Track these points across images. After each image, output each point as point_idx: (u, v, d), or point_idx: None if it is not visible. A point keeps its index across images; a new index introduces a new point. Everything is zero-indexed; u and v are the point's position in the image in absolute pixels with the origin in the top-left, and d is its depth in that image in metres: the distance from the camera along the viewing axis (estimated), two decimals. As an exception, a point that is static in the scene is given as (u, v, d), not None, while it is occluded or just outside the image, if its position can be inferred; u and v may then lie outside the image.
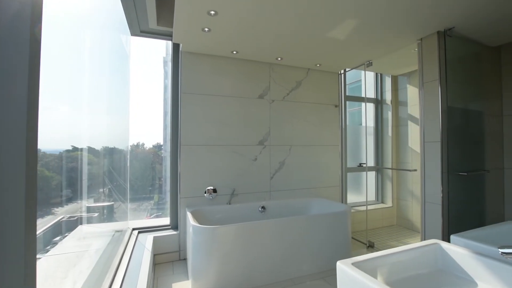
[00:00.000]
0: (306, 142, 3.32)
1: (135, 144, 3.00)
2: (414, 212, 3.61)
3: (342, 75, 3.55)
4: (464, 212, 2.35)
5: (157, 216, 3.17)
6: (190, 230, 2.23)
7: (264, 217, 2.92)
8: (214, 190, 2.82)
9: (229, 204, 2.85)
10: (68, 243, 1.60)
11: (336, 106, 3.54)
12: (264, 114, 3.09)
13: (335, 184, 3.50)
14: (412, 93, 3.68)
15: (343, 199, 3.54)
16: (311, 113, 3.36)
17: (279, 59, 2.98)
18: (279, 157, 3.16)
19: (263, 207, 2.93)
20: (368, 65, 3.11)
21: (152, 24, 2.65)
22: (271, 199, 3.09)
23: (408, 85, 3.74)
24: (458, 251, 0.85)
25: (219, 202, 2.85)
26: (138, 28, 2.75)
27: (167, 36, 2.87)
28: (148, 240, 2.55)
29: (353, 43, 2.56)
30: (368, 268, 0.76)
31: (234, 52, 2.78)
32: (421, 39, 2.44)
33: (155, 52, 3.14)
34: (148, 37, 2.88)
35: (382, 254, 0.82)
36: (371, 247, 3.01)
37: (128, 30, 2.74)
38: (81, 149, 1.66)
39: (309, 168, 3.33)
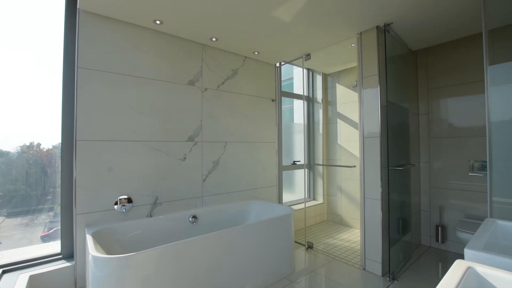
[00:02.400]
0: (243, 138, 2.97)
1: (28, 144, 2.12)
2: (343, 207, 3.74)
3: (279, 68, 3.36)
4: (398, 205, 2.43)
5: (57, 231, 2.26)
6: (89, 261, 1.54)
7: (196, 228, 2.41)
8: (129, 200, 2.15)
9: (150, 216, 2.23)
10: None
11: (273, 100, 3.31)
12: (195, 105, 2.58)
13: (272, 184, 3.28)
14: (340, 92, 3.80)
15: (280, 199, 3.35)
16: (248, 106, 3.02)
17: (213, 39, 2.52)
18: (213, 155, 2.70)
19: (194, 217, 2.42)
20: (306, 59, 2.99)
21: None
22: (204, 205, 2.60)
23: (337, 84, 3.85)
24: (502, 276, 0.61)
25: (137, 215, 2.19)
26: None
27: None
28: (19, 282, 1.70)
29: (295, 28, 2.34)
30: None
31: (158, 22, 2.17)
32: (360, 33, 2.42)
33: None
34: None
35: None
36: (310, 248, 2.89)
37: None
38: None
39: (247, 167, 2.99)
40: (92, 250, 1.53)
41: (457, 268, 0.64)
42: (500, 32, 2.13)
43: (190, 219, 2.40)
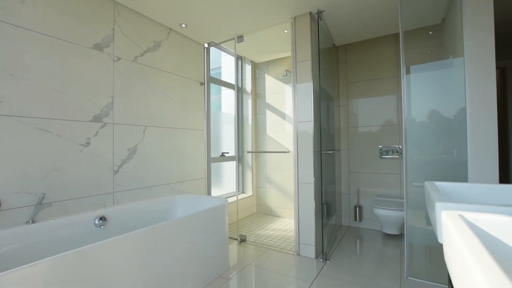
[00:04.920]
0: (166, 123, 2.55)
1: None
2: (272, 198, 3.74)
3: (208, 49, 3.08)
4: (326, 190, 2.52)
5: None
6: None
7: (105, 232, 1.90)
8: (-6, 201, 1.48)
9: (32, 222, 1.60)
10: None
11: (201, 84, 3.01)
12: (104, 76, 2.04)
13: (201, 176, 2.97)
14: (269, 83, 3.81)
15: (208, 192, 3.07)
16: (172, 87, 2.63)
17: (130, -3, 2.05)
18: (129, 141, 2.21)
19: (102, 218, 1.89)
20: (239, 41, 2.82)
21: None
22: (116, 204, 2.09)
23: (266, 75, 3.84)
24: (491, 219, 0.56)
25: (9, 222, 1.53)
26: None
27: None
28: None
29: (230, 1, 2.13)
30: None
31: (45, -46, 1.59)
32: (294, 18, 2.41)
33: None
34: None
35: None
36: (243, 241, 2.72)
37: None
38: None
39: (171, 157, 2.59)
40: None
41: (454, 221, 0.55)
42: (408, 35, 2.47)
43: (96, 222, 1.87)
